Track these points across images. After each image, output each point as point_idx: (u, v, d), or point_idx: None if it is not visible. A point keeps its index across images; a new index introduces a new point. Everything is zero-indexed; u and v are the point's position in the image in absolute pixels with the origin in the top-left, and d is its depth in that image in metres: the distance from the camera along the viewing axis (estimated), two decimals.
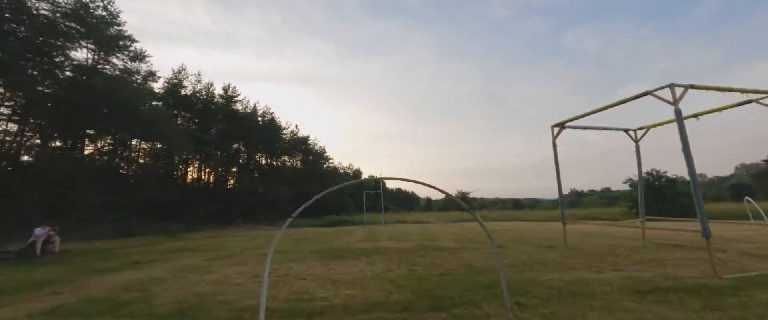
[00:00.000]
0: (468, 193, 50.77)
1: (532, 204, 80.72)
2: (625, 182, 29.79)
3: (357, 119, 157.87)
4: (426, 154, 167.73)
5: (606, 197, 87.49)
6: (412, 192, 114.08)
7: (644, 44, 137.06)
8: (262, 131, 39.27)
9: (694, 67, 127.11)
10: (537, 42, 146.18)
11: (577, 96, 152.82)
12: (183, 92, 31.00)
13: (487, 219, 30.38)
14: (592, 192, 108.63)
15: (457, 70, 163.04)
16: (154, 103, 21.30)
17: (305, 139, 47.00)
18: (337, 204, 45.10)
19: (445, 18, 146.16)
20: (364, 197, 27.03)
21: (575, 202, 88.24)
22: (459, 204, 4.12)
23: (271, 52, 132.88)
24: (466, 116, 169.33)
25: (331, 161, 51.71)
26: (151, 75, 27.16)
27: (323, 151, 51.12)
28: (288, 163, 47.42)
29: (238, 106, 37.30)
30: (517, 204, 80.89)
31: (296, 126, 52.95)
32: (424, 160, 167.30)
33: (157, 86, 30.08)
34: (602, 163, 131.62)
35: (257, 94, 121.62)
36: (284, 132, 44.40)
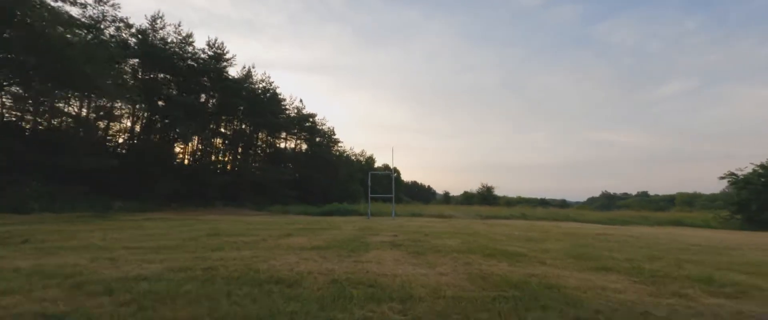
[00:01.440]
0: (493, 188, 43.41)
1: (561, 205, 72.19)
2: (723, 178, 21.93)
3: (373, 109, 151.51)
4: (443, 147, 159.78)
5: (644, 200, 77.95)
6: (429, 186, 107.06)
7: (688, 37, 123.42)
8: (258, 101, 33.24)
9: (744, 61, 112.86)
10: (565, 32, 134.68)
11: (607, 90, 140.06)
12: (154, 41, 25.12)
13: (529, 217, 23.27)
14: (625, 195, 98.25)
15: (479, 61, 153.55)
16: (76, 34, 15.21)
17: (311, 117, 40.77)
18: (344, 191, 38.90)
19: (468, 5, 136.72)
20: (369, 179, 20.40)
21: (607, 205, 79.20)
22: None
23: (289, 38, 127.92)
24: (487, 110, 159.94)
25: (340, 145, 45.40)
26: (123, 24, 21.54)
27: (332, 132, 44.80)
28: (289, 143, 41.40)
29: (230, 70, 31.32)
30: (544, 203, 72.24)
31: (300, 101, 46.79)
32: (441, 153, 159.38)
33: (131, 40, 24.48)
34: (634, 165, 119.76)
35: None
36: (285, 105, 38.29)
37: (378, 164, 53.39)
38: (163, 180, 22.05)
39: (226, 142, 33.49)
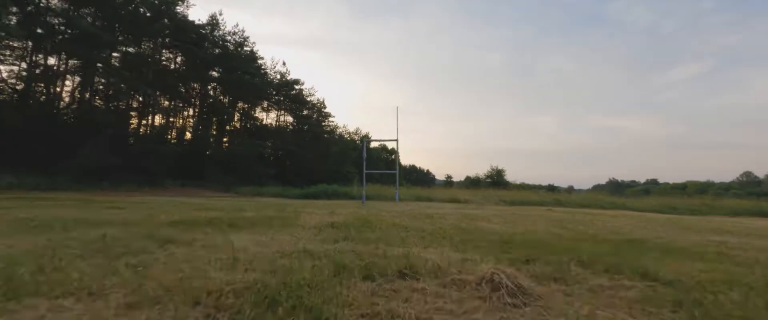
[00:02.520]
0: (503, 171, 38.21)
1: (569, 192, 67.61)
2: None
3: (370, 88, 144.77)
4: (444, 130, 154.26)
5: (652, 188, 74.02)
6: (428, 170, 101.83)
7: (705, 18, 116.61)
8: (228, 58, 27.25)
9: (761, 45, 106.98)
10: (577, 10, 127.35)
11: (618, 73, 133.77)
12: None
13: (566, 204, 18.18)
14: (634, 182, 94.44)
15: (484, 40, 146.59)
16: None
17: (296, 83, 34.85)
18: (335, 172, 33.50)
19: None
20: (364, 149, 14.96)
21: (616, 193, 74.96)
22: None
23: (281, 11, 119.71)
24: (491, 92, 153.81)
25: (332, 119, 39.57)
26: None
27: (322, 105, 38.85)
28: (270, 114, 35.60)
29: (191, 15, 25.16)
30: (552, 190, 67.32)
31: (284, 64, 40.48)
32: (442, 137, 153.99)
33: None
34: (643, 152, 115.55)
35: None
36: (265, 68, 32.33)
37: (375, 145, 47.77)
38: (88, 150, 16.43)
39: (184, 105, 27.59)
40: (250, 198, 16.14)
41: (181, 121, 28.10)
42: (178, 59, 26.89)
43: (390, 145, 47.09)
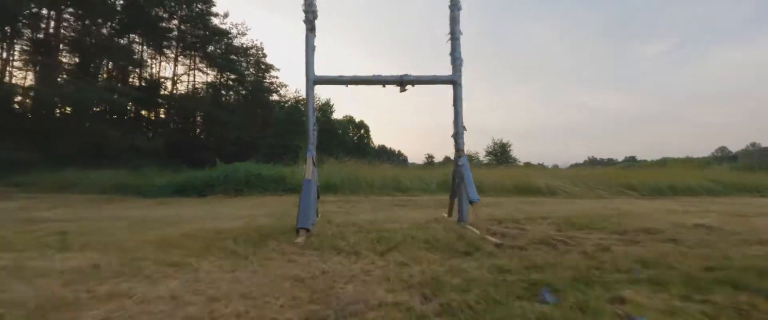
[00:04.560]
0: (508, 144, 30.69)
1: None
2: None
3: (332, 55, 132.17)
4: (414, 105, 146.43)
5: (632, 165, 72.02)
6: (399, 151, 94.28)
7: None
8: None
9: (720, 21, 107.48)
10: None
11: (592, 47, 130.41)
12: None
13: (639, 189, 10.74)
14: (611, 160, 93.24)
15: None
16: None
17: (209, 13, 24.41)
18: (280, 147, 24.24)
19: None
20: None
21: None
22: None
23: None
24: (464, 65, 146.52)
25: (275, 74, 29.27)
26: None
27: (260, 53, 28.53)
28: (179, 66, 25.20)
29: None
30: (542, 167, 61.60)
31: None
32: (412, 112, 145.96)
33: None
34: (618, 129, 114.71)
35: None
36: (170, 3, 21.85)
37: (338, 116, 38.30)
38: None
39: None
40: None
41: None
42: None
43: (358, 119, 38.08)
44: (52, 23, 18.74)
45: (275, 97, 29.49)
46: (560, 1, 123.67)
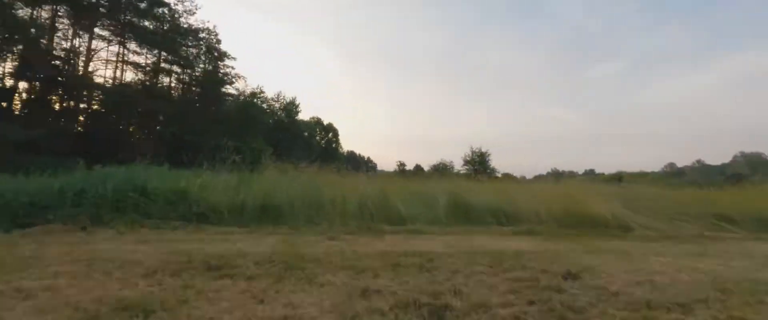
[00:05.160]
0: (487, 154, 27.62)
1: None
2: None
3: (301, 54, 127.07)
4: (372, 112, 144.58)
5: (589, 178, 73.57)
6: (368, 158, 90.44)
7: (628, 19, 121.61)
8: None
9: (668, 49, 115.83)
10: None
11: (554, 66, 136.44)
12: None
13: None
14: (573, 173, 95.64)
15: (424, 20, 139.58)
16: None
17: (164, 4, 19.98)
18: (229, 148, 19.77)
19: None
20: None
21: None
22: None
23: None
24: (425, 73, 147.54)
25: (230, 64, 24.69)
26: None
27: (225, 55, 24.12)
28: (110, 48, 20.27)
29: None
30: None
31: None
32: (370, 119, 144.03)
33: None
34: (578, 144, 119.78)
35: None
36: None
37: (304, 117, 33.95)
38: None
39: None
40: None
41: None
42: None
43: (327, 121, 34.04)
44: None
45: (230, 89, 24.92)
46: (523, 24, 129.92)
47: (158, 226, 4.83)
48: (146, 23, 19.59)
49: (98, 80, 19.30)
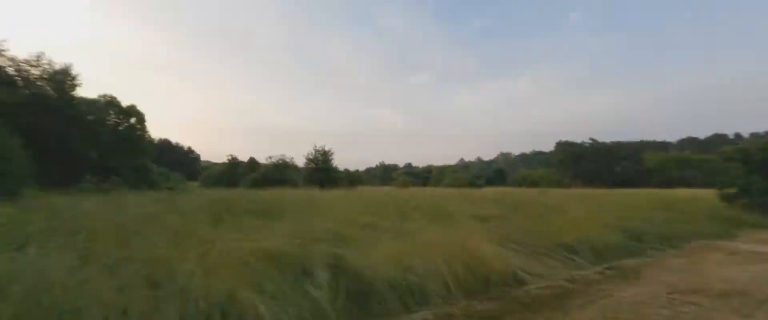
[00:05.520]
0: (330, 153, 28.01)
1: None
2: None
3: (108, 28, 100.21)
4: (206, 100, 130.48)
5: (411, 171, 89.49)
6: (189, 147, 77.26)
7: (434, 37, 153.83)
8: None
9: (460, 69, 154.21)
10: (349, 2, 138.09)
11: (381, 70, 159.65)
12: None
13: None
14: (396, 166, 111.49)
15: (258, 7, 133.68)
16: None
17: None
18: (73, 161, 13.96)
19: None
20: None
21: (385, 177, 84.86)
22: None
23: None
24: (262, 60, 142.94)
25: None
26: None
27: None
28: None
29: None
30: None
31: None
32: (204, 107, 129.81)
33: None
34: (399, 140, 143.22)
35: None
36: None
37: (90, 94, 26.40)
38: None
39: None
40: None
41: None
42: None
43: (127, 102, 28.17)
44: None
45: None
46: (354, 30, 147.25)
47: None
48: None
49: None
